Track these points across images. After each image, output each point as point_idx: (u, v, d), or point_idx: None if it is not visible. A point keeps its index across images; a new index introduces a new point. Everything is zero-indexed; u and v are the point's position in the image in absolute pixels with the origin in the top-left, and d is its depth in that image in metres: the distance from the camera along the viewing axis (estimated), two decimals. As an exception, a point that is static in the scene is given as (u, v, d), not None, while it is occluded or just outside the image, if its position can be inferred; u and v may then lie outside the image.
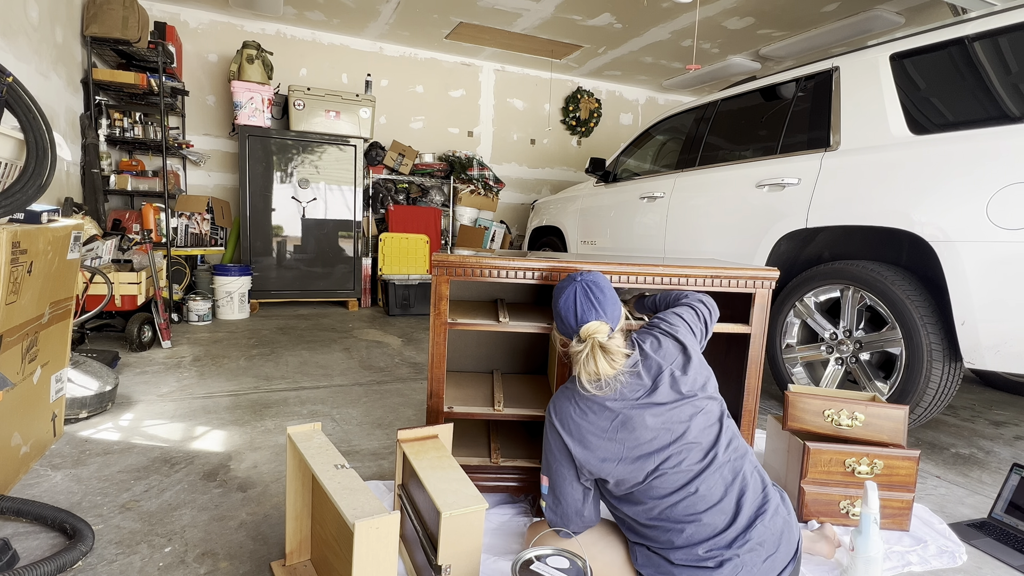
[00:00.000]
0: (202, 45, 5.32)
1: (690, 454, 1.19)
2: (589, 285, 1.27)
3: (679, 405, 1.22)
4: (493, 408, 1.68)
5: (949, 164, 2.10)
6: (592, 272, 1.32)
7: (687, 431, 1.20)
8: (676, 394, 1.23)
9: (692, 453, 1.19)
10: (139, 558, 1.37)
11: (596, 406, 1.23)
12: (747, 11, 4.62)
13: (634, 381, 1.24)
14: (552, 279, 1.61)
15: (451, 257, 1.58)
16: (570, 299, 1.27)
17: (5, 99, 1.68)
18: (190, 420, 2.29)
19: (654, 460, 1.18)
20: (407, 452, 1.34)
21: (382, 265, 5.32)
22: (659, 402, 1.22)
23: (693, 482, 1.17)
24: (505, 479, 1.67)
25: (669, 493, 1.17)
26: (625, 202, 3.85)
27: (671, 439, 1.19)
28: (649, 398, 1.22)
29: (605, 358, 1.20)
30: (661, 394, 1.22)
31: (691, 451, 1.19)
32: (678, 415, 1.21)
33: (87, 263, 3.10)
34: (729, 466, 1.20)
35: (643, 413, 1.20)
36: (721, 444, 1.21)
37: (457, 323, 1.63)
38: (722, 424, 1.24)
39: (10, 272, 1.48)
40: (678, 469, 1.18)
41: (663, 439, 1.19)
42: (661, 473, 1.18)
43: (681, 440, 1.19)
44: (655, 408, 1.21)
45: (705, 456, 1.19)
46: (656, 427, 1.20)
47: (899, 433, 1.71)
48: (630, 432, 1.20)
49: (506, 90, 6.63)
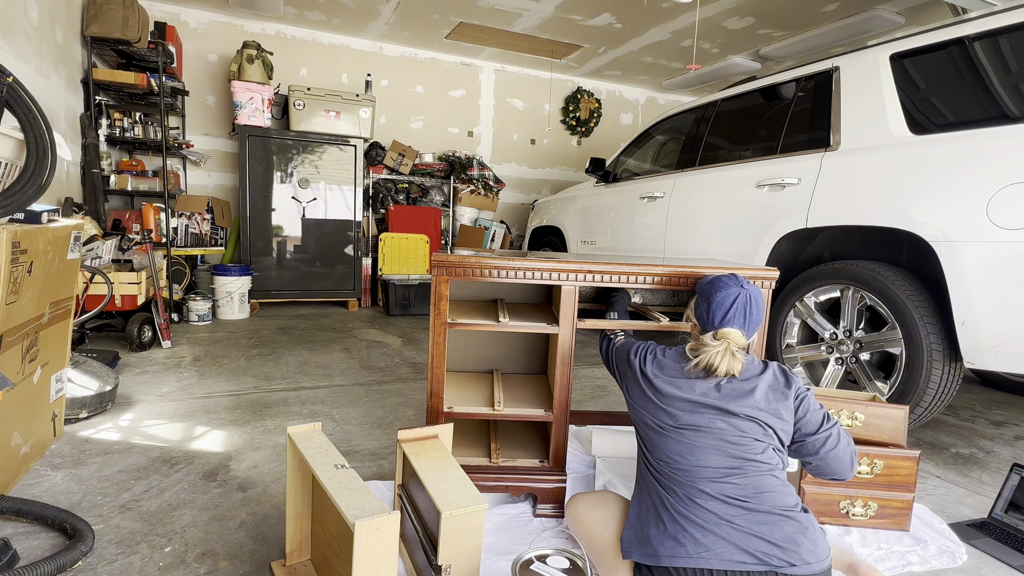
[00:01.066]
0: (202, 45, 5.32)
1: (714, 453, 1.21)
2: (753, 298, 1.31)
3: (736, 421, 1.23)
4: (493, 408, 1.68)
5: (949, 164, 2.10)
6: (756, 287, 1.34)
7: (727, 441, 1.22)
8: (734, 417, 1.24)
9: (716, 454, 1.21)
10: (139, 558, 1.37)
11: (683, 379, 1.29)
12: (747, 11, 4.61)
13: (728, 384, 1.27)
14: (552, 279, 1.61)
15: (451, 257, 1.58)
16: (728, 299, 1.30)
17: (5, 99, 1.68)
18: (190, 420, 2.29)
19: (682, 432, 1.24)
20: (407, 452, 1.34)
21: (382, 265, 5.32)
22: (723, 408, 1.24)
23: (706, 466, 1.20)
24: (505, 479, 1.67)
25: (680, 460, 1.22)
26: (625, 202, 3.85)
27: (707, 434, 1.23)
28: (718, 402, 1.25)
29: (730, 361, 1.26)
30: (726, 404, 1.24)
31: (715, 452, 1.21)
32: (730, 429, 1.22)
33: (87, 263, 3.10)
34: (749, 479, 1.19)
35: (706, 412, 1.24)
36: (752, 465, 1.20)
37: (457, 323, 1.63)
38: (762, 460, 1.21)
39: (10, 272, 1.48)
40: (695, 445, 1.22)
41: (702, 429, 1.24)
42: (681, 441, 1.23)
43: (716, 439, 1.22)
44: (716, 413, 1.24)
45: (731, 461, 1.21)
46: (703, 424, 1.23)
47: (899, 433, 1.71)
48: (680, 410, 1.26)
49: (506, 90, 6.63)
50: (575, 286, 1.62)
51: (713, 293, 1.32)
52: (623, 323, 1.64)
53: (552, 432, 1.69)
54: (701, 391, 1.26)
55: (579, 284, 1.62)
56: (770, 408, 1.24)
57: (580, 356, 3.77)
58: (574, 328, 1.64)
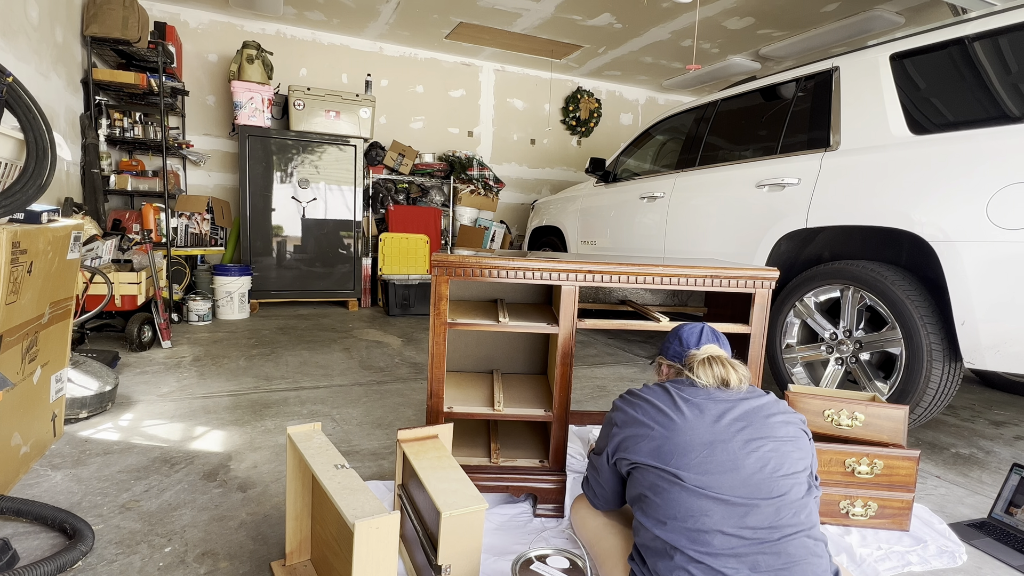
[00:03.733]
0: (202, 45, 5.32)
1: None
2: (716, 330, 1.34)
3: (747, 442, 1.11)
4: (493, 408, 1.68)
5: (949, 164, 2.10)
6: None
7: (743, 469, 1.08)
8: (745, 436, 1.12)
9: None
10: (139, 558, 1.37)
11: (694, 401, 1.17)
12: (747, 11, 4.62)
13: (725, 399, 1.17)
14: (552, 279, 1.61)
15: (451, 257, 1.58)
16: (695, 329, 1.32)
17: (5, 99, 1.68)
18: (190, 420, 2.29)
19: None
20: (407, 452, 1.34)
21: (382, 265, 5.32)
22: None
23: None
24: (505, 479, 1.67)
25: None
26: (625, 202, 3.85)
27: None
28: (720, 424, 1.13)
29: (729, 366, 1.20)
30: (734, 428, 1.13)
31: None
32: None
33: (87, 263, 3.10)
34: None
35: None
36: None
37: (457, 323, 1.63)
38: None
39: (10, 272, 1.48)
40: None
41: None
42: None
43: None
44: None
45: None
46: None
47: (899, 433, 1.71)
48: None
49: (506, 90, 6.63)
50: (575, 286, 1.62)
51: (678, 332, 1.34)
52: None
53: (552, 432, 1.69)
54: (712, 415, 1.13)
55: (579, 284, 1.62)
56: (799, 435, 1.13)
57: (580, 356, 3.77)
58: (574, 328, 1.64)
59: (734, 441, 1.09)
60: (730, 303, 1.96)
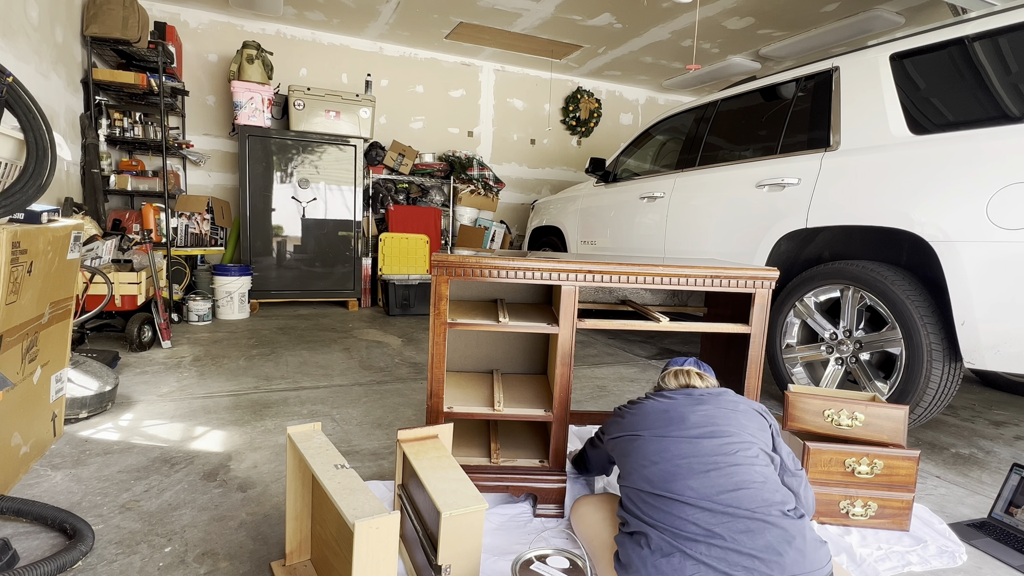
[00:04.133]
0: (202, 45, 5.32)
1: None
2: (700, 362, 1.51)
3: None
4: (493, 408, 1.68)
5: (949, 164, 2.10)
6: None
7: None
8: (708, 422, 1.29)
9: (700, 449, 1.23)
10: (139, 558, 1.37)
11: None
12: (747, 11, 4.62)
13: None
14: (552, 279, 1.61)
15: (451, 257, 1.58)
16: (681, 360, 1.50)
17: (5, 99, 1.68)
18: (190, 420, 2.29)
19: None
20: (407, 452, 1.34)
21: (382, 265, 5.32)
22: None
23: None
24: (505, 479, 1.67)
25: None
26: (625, 202, 3.85)
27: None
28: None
29: (695, 375, 1.43)
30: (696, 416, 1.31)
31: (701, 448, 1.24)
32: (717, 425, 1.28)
33: (87, 263, 3.10)
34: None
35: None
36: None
37: (457, 323, 1.63)
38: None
39: (10, 272, 1.48)
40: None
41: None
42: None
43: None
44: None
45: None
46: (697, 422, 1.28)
47: (899, 433, 1.71)
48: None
49: (506, 90, 6.63)
50: (575, 286, 1.62)
51: (668, 365, 1.50)
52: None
53: (552, 432, 1.69)
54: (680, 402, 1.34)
55: (579, 284, 1.62)
56: (749, 410, 1.31)
57: (580, 356, 3.77)
58: (574, 328, 1.64)
59: (689, 412, 1.29)
60: (730, 303, 1.96)
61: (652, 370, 3.45)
